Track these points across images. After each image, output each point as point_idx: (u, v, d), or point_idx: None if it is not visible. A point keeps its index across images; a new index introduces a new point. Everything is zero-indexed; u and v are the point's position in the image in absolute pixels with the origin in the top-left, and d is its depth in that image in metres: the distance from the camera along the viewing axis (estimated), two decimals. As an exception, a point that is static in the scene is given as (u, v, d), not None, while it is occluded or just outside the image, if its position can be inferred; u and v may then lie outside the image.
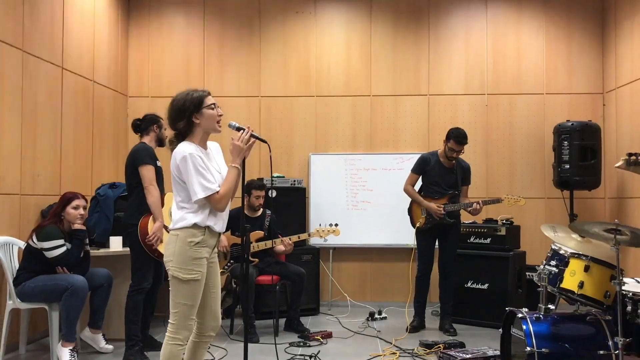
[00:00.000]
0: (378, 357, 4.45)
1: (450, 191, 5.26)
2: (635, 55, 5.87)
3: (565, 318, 3.50)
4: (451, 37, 6.70)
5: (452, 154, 5.23)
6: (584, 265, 3.47)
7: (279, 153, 6.62)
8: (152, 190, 4.18)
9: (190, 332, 2.97)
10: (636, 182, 5.76)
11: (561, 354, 3.27)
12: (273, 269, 5.21)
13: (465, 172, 5.39)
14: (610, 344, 3.24)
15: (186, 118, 2.96)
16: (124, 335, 4.29)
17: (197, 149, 2.95)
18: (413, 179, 5.43)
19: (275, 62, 6.76)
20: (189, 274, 2.88)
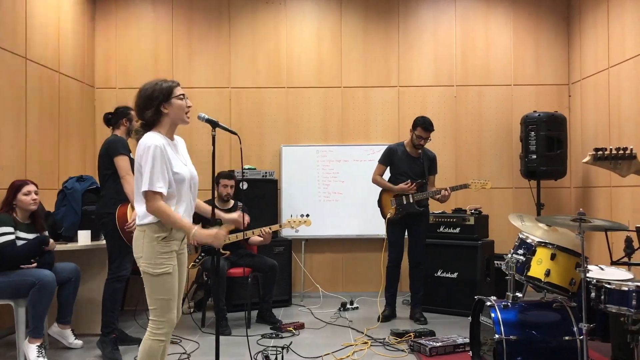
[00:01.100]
0: (350, 347, 4.48)
1: (417, 180, 5.32)
2: (599, 48, 5.99)
3: (532, 305, 3.57)
4: (420, 29, 6.74)
5: (419, 141, 5.29)
6: (550, 253, 3.54)
7: (250, 145, 6.58)
8: (129, 179, 4.16)
9: (171, 327, 2.94)
10: (600, 172, 5.90)
11: (528, 340, 3.34)
12: (245, 261, 5.20)
13: (432, 162, 5.46)
14: (575, 329, 3.32)
15: (154, 107, 2.91)
16: (93, 330, 4.24)
17: (165, 140, 2.91)
18: (381, 169, 5.48)
19: (245, 53, 6.71)
20: (160, 268, 2.85)
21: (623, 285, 3.10)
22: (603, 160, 1.98)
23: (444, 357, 4.22)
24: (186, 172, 2.96)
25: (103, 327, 4.28)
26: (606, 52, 5.83)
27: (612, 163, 1.97)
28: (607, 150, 1.96)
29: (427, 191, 5.31)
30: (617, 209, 5.58)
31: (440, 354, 4.24)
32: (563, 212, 6.44)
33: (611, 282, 3.16)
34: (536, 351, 3.33)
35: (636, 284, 3.06)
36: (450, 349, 4.31)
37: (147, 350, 2.89)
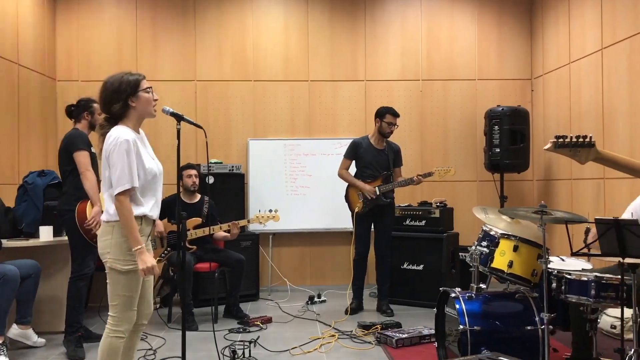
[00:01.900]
0: (317, 340, 4.50)
1: (383, 173, 5.37)
2: (560, 43, 6.12)
3: (495, 296, 3.64)
4: (387, 23, 6.78)
5: (390, 128, 5.35)
6: (513, 245, 3.61)
7: (216, 139, 6.53)
8: (89, 176, 4.10)
9: (131, 324, 2.90)
10: (562, 165, 6.04)
11: (492, 330, 3.40)
12: (211, 256, 5.17)
13: (397, 153, 5.51)
14: (537, 319, 3.40)
15: (122, 101, 2.87)
16: (56, 327, 4.16)
17: (134, 134, 2.88)
18: (346, 164, 5.50)
19: (211, 45, 6.64)
20: (127, 265, 2.81)
21: (582, 276, 3.18)
22: (563, 148, 2.03)
23: (410, 348, 4.28)
24: (155, 166, 2.94)
25: (67, 326, 4.21)
26: (567, 47, 5.96)
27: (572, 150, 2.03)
28: (568, 138, 2.01)
29: (394, 182, 5.36)
30: (578, 201, 5.73)
31: (406, 346, 4.30)
32: (526, 204, 6.58)
33: (571, 273, 3.23)
34: (499, 341, 3.39)
35: (595, 274, 3.14)
36: (416, 340, 4.37)
37: (107, 348, 2.86)
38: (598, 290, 3.11)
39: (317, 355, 4.16)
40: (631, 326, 3.01)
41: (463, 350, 3.32)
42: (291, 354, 4.19)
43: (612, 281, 3.08)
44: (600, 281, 3.11)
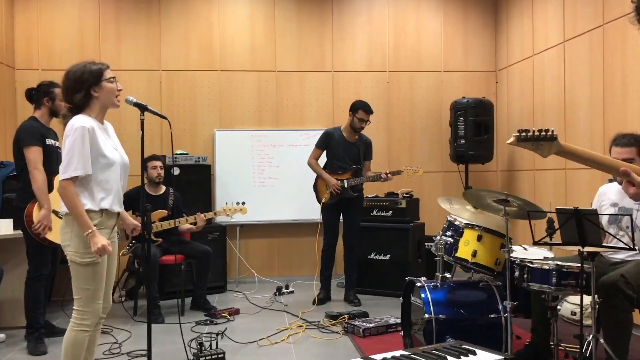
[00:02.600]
0: (285, 331, 4.51)
1: (353, 166, 5.39)
2: (524, 36, 6.22)
3: (460, 285, 3.70)
4: (354, 14, 6.78)
5: (361, 124, 5.35)
6: (476, 235, 3.67)
7: (182, 129, 6.45)
8: (36, 175, 3.87)
9: (97, 317, 2.87)
10: (525, 156, 6.16)
11: (456, 319, 3.46)
12: (177, 248, 5.12)
13: (368, 147, 5.53)
14: (500, 307, 3.47)
15: (84, 90, 2.83)
16: (18, 322, 4.06)
17: (96, 123, 2.83)
18: (317, 153, 5.50)
19: (177, 34, 6.54)
20: (88, 257, 2.77)
21: (544, 265, 3.25)
22: (526, 142, 2.06)
23: (377, 337, 4.33)
24: (117, 157, 2.90)
25: (28, 327, 4.09)
26: (531, 40, 6.06)
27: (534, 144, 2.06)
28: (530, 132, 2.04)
29: (363, 177, 5.38)
30: (540, 191, 5.85)
31: (373, 335, 4.35)
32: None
33: (533, 262, 3.30)
34: (464, 329, 3.45)
35: (556, 263, 3.22)
36: (382, 329, 4.42)
37: (72, 342, 2.81)
38: (559, 278, 3.18)
39: (285, 346, 4.17)
40: (590, 313, 3.10)
41: (428, 338, 3.37)
42: (259, 345, 4.19)
43: (572, 269, 3.16)
44: (561, 269, 3.18)
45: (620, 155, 3.33)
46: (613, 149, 3.43)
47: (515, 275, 3.38)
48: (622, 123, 4.46)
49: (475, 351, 1.85)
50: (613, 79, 4.71)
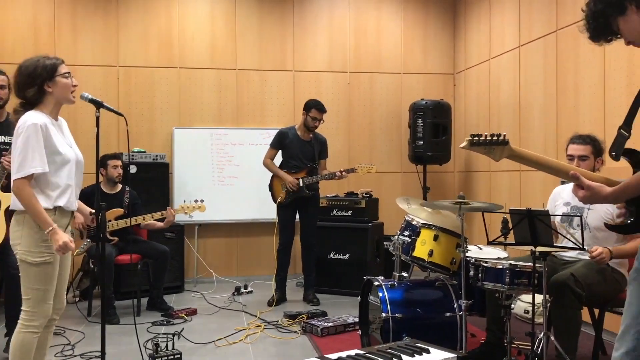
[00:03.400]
0: (243, 331, 4.49)
1: (308, 164, 5.39)
2: (482, 40, 6.35)
3: (416, 284, 3.75)
4: (315, 14, 6.79)
5: (315, 123, 5.36)
6: (433, 234, 3.73)
7: (139, 127, 6.34)
8: None
9: (46, 318, 2.79)
10: (481, 158, 6.29)
11: (413, 318, 3.51)
12: (133, 247, 5.03)
13: (323, 145, 5.55)
14: (455, 306, 3.54)
15: (37, 86, 2.76)
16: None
17: (48, 119, 2.76)
18: (272, 153, 5.49)
19: (135, 30, 6.42)
20: (40, 256, 2.70)
21: (498, 264, 3.32)
22: (478, 146, 2.10)
23: (335, 336, 4.35)
24: (71, 154, 2.83)
25: None
26: (488, 44, 6.19)
27: (486, 148, 2.10)
28: (482, 137, 2.09)
29: (318, 175, 5.39)
30: (495, 192, 5.98)
31: (331, 334, 4.37)
32: (447, 195, 6.80)
33: (487, 261, 3.38)
34: (420, 327, 3.50)
35: (509, 262, 3.30)
36: (340, 328, 4.44)
37: (20, 344, 2.73)
38: (512, 277, 3.26)
39: (243, 346, 4.15)
40: (542, 311, 3.19)
41: (385, 337, 3.40)
42: (216, 345, 4.15)
43: (525, 269, 3.24)
44: (514, 269, 3.26)
45: (577, 152, 3.47)
46: (570, 146, 3.55)
47: (471, 275, 3.44)
48: (574, 125, 4.60)
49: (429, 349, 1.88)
50: (566, 83, 4.85)
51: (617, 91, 4.24)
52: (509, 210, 3.18)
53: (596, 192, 1.96)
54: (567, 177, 2.03)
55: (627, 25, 1.93)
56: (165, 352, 3.63)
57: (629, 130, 2.02)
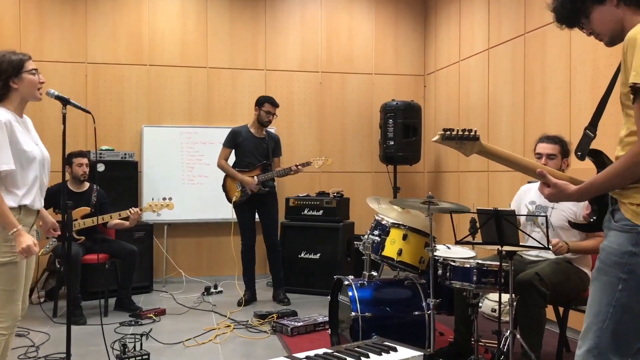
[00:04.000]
0: (212, 331, 4.46)
1: (262, 161, 5.37)
2: (451, 42, 6.43)
3: (386, 283, 3.78)
4: (287, 13, 6.78)
5: (269, 117, 5.37)
6: (402, 234, 3.76)
7: (108, 125, 6.25)
8: None
9: (15, 320, 2.74)
10: (450, 158, 6.37)
11: (382, 316, 3.54)
12: (101, 247, 4.95)
13: (276, 143, 5.55)
14: (424, 305, 3.57)
15: (2, 82, 2.71)
16: None
17: (13, 116, 2.70)
18: (226, 153, 5.45)
19: (104, 26, 6.32)
20: (5, 256, 2.64)
21: (466, 263, 3.37)
22: (450, 140, 2.13)
23: (305, 336, 4.35)
24: (37, 152, 2.78)
25: None
26: (458, 46, 6.27)
27: (458, 143, 2.14)
28: (455, 131, 2.12)
29: (273, 171, 5.38)
30: (464, 192, 6.06)
31: (301, 334, 4.37)
32: (417, 195, 6.86)
33: (455, 260, 3.42)
34: (389, 326, 3.53)
35: (477, 261, 3.34)
36: (310, 328, 4.45)
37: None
38: (479, 276, 3.31)
39: (212, 346, 4.13)
40: (508, 310, 3.24)
41: (355, 336, 3.42)
42: (185, 345, 4.12)
43: (492, 268, 3.29)
44: (482, 268, 3.31)
45: (545, 150, 3.55)
46: (539, 145, 3.62)
47: (439, 274, 3.48)
48: (541, 126, 4.69)
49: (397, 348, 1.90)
50: (533, 85, 4.94)
51: (582, 94, 4.33)
52: (476, 210, 3.23)
53: (562, 190, 2.00)
54: (534, 174, 2.08)
55: (602, 16, 1.96)
56: (133, 353, 3.58)
57: (594, 131, 2.07)
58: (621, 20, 1.93)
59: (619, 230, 1.89)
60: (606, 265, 1.91)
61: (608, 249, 1.92)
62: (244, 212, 5.38)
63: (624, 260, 1.86)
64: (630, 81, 1.78)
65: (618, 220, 1.89)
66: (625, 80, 1.83)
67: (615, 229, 1.90)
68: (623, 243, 1.86)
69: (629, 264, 1.85)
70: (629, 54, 1.80)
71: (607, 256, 1.91)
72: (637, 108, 1.80)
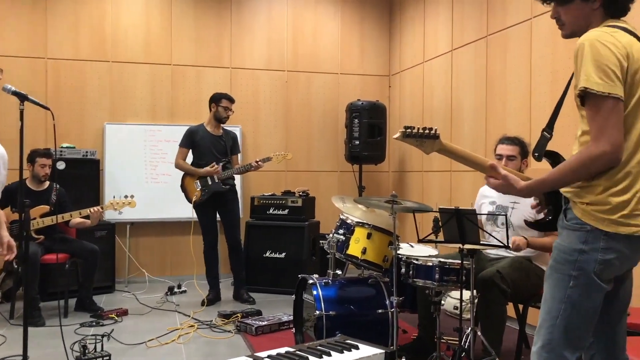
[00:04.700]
0: (176, 331, 4.41)
1: (222, 159, 5.34)
2: (416, 43, 6.50)
3: (350, 282, 3.80)
4: (253, 11, 6.75)
5: (227, 112, 5.36)
6: (367, 232, 3.78)
7: (69, 122, 6.11)
8: None
9: None
10: (414, 158, 6.44)
11: (347, 315, 3.56)
12: (61, 246, 4.84)
13: (234, 141, 5.53)
14: (387, 303, 3.60)
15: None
16: None
17: None
18: (184, 153, 5.39)
19: (66, 21, 6.17)
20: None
21: (428, 261, 3.41)
22: (410, 138, 2.17)
23: (269, 335, 4.35)
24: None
25: None
26: (422, 48, 6.34)
27: (418, 141, 2.18)
28: (415, 129, 2.16)
29: (232, 169, 5.35)
30: (427, 191, 6.14)
31: (265, 333, 4.36)
32: (382, 194, 6.92)
33: (418, 258, 3.46)
34: (353, 324, 3.55)
35: (439, 260, 3.39)
36: (275, 327, 4.45)
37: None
38: (441, 274, 3.35)
39: (175, 347, 4.08)
40: (470, 307, 3.30)
41: (319, 334, 3.43)
42: (147, 346, 4.07)
43: (454, 266, 3.34)
44: (444, 266, 3.35)
45: (505, 152, 3.61)
46: (499, 146, 3.68)
47: (402, 272, 3.52)
48: (502, 127, 4.79)
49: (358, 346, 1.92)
50: (494, 87, 5.03)
51: (542, 95, 4.44)
52: (438, 209, 3.28)
53: (511, 184, 2.06)
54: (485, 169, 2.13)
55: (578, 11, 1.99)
56: (94, 354, 3.52)
57: (550, 132, 2.13)
58: (590, 22, 1.99)
59: (570, 229, 1.95)
60: (558, 263, 1.97)
61: (560, 247, 1.98)
62: (205, 212, 5.33)
63: (574, 257, 1.92)
64: (580, 85, 1.84)
65: (569, 219, 1.96)
66: (577, 83, 1.89)
67: (566, 228, 1.97)
68: (573, 241, 1.92)
69: (579, 261, 1.91)
70: (579, 58, 1.87)
71: (558, 254, 1.97)
72: (587, 110, 1.86)
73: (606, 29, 1.90)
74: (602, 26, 1.94)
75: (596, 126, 1.83)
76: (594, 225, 1.88)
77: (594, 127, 1.84)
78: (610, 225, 1.87)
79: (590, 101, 1.84)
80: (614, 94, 1.81)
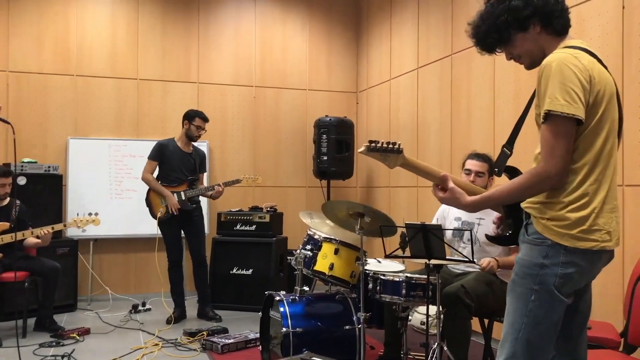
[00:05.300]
0: (139, 350, 4.32)
1: (190, 177, 5.29)
2: (383, 60, 6.58)
3: (317, 298, 3.79)
4: (221, 26, 6.74)
5: (199, 131, 5.32)
6: (334, 248, 3.78)
7: (31, 136, 5.98)
8: None
9: None
10: (381, 173, 6.48)
11: (313, 331, 3.53)
12: (20, 264, 4.70)
13: (202, 159, 5.49)
14: (354, 319, 3.60)
15: None
16: None
17: None
18: (152, 166, 5.31)
19: (29, 33, 6.06)
20: None
21: (395, 277, 3.42)
22: (375, 152, 2.21)
23: (236, 353, 4.29)
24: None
25: None
26: (388, 65, 6.42)
27: (382, 155, 2.22)
28: (379, 143, 2.20)
29: (199, 188, 5.31)
30: (395, 206, 6.18)
31: (232, 351, 4.30)
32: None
33: (385, 274, 3.47)
34: (321, 341, 3.52)
35: (406, 275, 3.41)
36: (242, 344, 4.39)
37: None
38: (408, 289, 3.37)
39: (139, 366, 4.00)
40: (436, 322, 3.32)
41: (286, 352, 3.40)
42: (110, 366, 3.97)
43: (420, 281, 3.36)
44: (410, 281, 3.37)
45: (474, 168, 3.67)
46: (469, 161, 3.73)
47: (369, 288, 3.52)
48: (467, 144, 4.86)
49: (325, 362, 1.90)
50: (459, 104, 5.12)
51: (505, 113, 4.53)
52: (404, 224, 3.30)
53: (457, 197, 2.10)
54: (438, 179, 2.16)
55: (524, 42, 2.06)
56: (53, 376, 3.42)
57: (511, 148, 2.18)
58: (542, 47, 2.05)
59: (531, 244, 1.98)
60: (519, 277, 2.00)
61: (521, 261, 2.01)
62: (170, 229, 5.25)
63: (535, 272, 1.95)
64: (545, 108, 1.88)
65: (531, 233, 1.99)
66: (538, 103, 1.93)
67: (527, 242, 2.00)
68: (534, 255, 1.96)
69: (540, 275, 1.94)
70: (544, 80, 1.91)
71: (520, 268, 2.01)
72: (543, 130, 1.91)
73: (570, 51, 1.94)
74: (564, 47, 1.99)
75: (549, 147, 1.88)
76: (554, 240, 1.92)
77: (546, 148, 1.89)
78: (569, 240, 1.91)
79: (551, 121, 1.88)
80: (577, 115, 1.86)
